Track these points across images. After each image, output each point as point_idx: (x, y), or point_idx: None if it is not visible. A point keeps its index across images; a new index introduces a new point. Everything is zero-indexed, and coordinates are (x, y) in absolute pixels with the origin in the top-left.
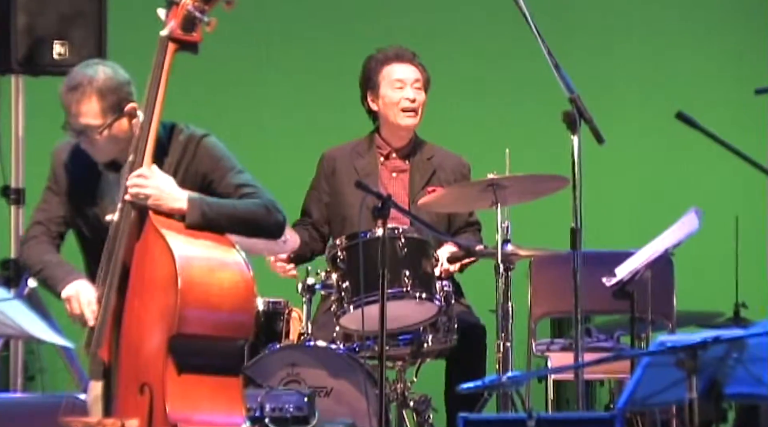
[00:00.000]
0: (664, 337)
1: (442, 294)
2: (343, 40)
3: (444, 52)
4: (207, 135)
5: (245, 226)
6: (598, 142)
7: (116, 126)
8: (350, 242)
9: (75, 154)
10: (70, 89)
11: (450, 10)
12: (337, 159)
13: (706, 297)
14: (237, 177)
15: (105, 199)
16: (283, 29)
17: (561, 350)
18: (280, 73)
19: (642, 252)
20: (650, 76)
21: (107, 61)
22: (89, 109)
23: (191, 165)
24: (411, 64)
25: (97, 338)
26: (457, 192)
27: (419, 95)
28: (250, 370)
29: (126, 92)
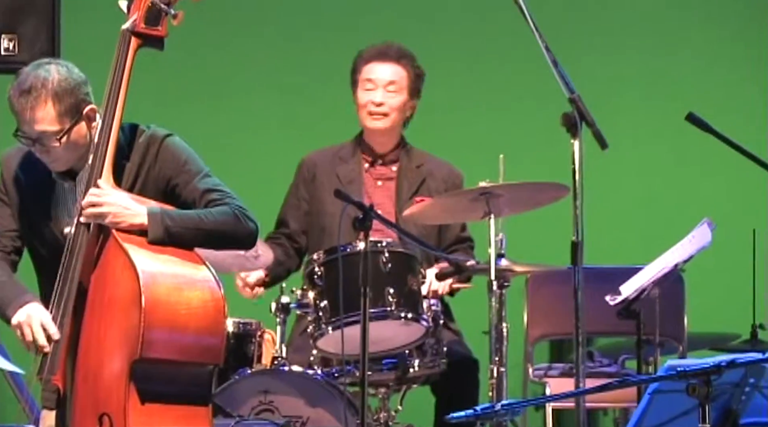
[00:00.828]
0: (674, 361)
1: (429, 314)
2: (327, 40)
3: (433, 50)
4: (170, 135)
5: (213, 238)
6: (601, 147)
7: (74, 131)
8: (329, 256)
9: (26, 161)
10: (21, 93)
11: (441, 10)
12: (318, 164)
13: (719, 317)
14: (203, 181)
15: (60, 210)
16: (258, 26)
17: (560, 376)
18: (253, 72)
19: (649, 268)
20: (658, 75)
21: (60, 60)
22: (45, 115)
23: (153, 168)
24: (395, 63)
25: (51, 364)
26: (446, 202)
27: (391, 98)
28: (218, 398)
29: (83, 93)
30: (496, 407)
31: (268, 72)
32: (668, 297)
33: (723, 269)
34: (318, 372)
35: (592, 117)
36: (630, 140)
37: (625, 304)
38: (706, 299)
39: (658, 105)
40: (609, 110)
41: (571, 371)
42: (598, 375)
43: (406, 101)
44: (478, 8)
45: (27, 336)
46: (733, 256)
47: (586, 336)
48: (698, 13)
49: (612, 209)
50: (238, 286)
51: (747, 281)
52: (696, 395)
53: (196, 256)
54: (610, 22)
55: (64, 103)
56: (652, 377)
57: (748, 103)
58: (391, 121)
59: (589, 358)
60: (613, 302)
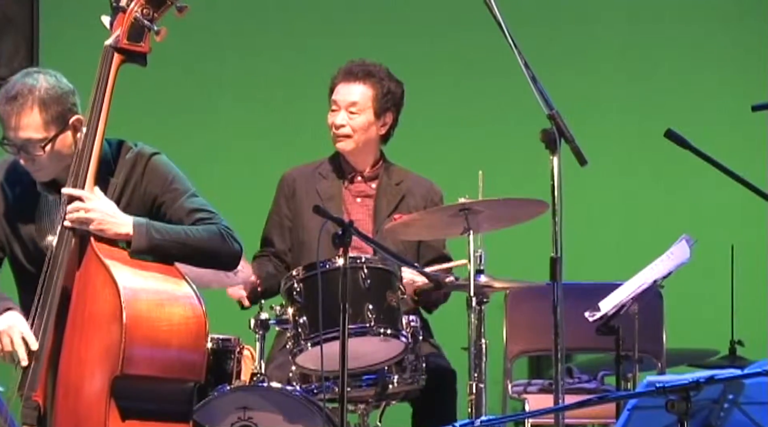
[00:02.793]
0: (653, 377)
1: (408, 330)
2: (305, 59)
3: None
4: (157, 153)
5: (197, 254)
6: (581, 164)
7: (60, 140)
8: (308, 272)
9: (10, 172)
10: (8, 100)
11: (422, 28)
12: (297, 180)
13: (698, 334)
14: (190, 201)
15: (43, 222)
16: (238, 43)
17: (539, 392)
18: (234, 90)
19: (628, 284)
20: (636, 92)
21: (49, 70)
22: (30, 122)
23: (139, 186)
24: (358, 82)
25: (31, 379)
26: (426, 218)
27: (353, 120)
28: (197, 414)
29: (70, 103)
30: (475, 424)
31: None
32: (647, 313)
33: (702, 285)
34: (297, 388)
35: (571, 133)
36: (609, 157)
37: (604, 320)
38: (685, 315)
39: (636, 122)
40: (588, 127)
41: (550, 387)
42: (577, 391)
43: (371, 121)
44: (460, 27)
45: (6, 346)
46: (711, 272)
47: (566, 352)
48: (675, 30)
49: (591, 226)
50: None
51: (725, 297)
52: (675, 411)
53: (177, 272)
54: (589, 40)
55: (51, 111)
56: (631, 394)
57: (725, 118)
58: (355, 142)
59: (569, 374)
60: (592, 318)
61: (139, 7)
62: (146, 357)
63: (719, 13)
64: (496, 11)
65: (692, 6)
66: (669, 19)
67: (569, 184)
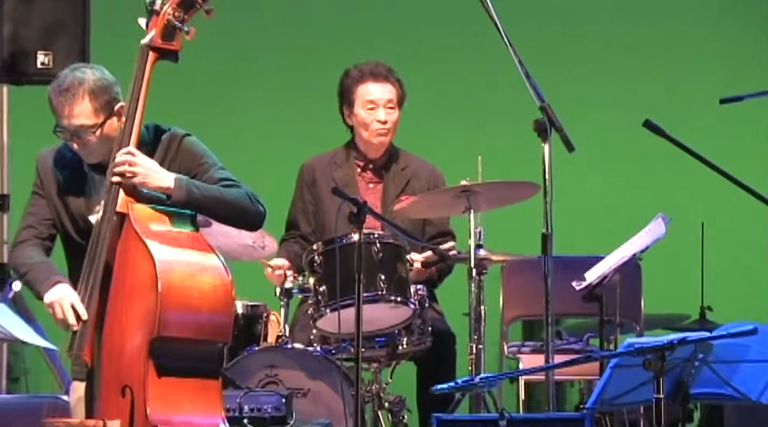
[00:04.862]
0: (632, 339)
1: (416, 298)
2: (319, 53)
3: (418, 64)
4: (188, 134)
5: (229, 210)
6: (568, 150)
7: (108, 125)
8: (327, 246)
9: (59, 158)
10: (61, 92)
11: (424, 21)
12: (317, 169)
13: (672, 301)
14: (219, 172)
15: (91, 199)
16: (260, 42)
17: (532, 352)
18: (255, 84)
19: (611, 257)
20: (618, 85)
21: (93, 65)
22: (83, 110)
23: (174, 163)
24: (386, 82)
25: (80, 341)
26: (431, 198)
27: (391, 116)
28: (229, 371)
29: (115, 92)
30: (475, 380)
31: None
32: (627, 283)
33: (675, 258)
34: (317, 349)
35: (560, 123)
36: (594, 144)
37: (589, 289)
38: (661, 284)
39: (618, 113)
40: (575, 118)
41: (541, 348)
42: (565, 352)
43: (399, 114)
44: (461, 25)
45: (58, 314)
46: (684, 246)
47: (555, 317)
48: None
49: (578, 205)
50: (267, 273)
51: (696, 268)
52: (652, 368)
53: (207, 246)
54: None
55: (99, 99)
56: (613, 353)
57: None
58: (392, 134)
59: (558, 336)
60: (578, 287)
61: (171, 10)
62: (179, 321)
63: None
64: (492, 13)
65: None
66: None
67: (558, 169)
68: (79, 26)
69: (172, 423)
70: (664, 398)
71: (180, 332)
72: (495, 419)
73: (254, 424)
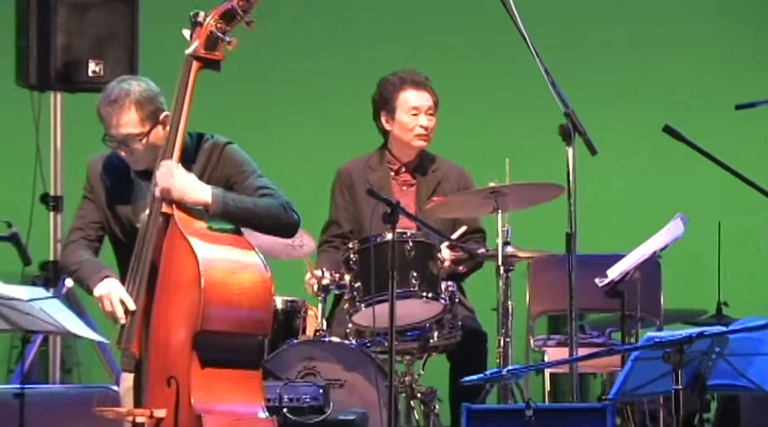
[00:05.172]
0: (652, 333)
1: (446, 294)
2: (354, 60)
3: (451, 72)
4: (230, 142)
5: (262, 221)
6: (591, 153)
7: (153, 134)
8: (362, 245)
9: (107, 165)
10: (109, 103)
11: (456, 33)
12: (353, 173)
13: (690, 296)
14: (257, 180)
15: (137, 204)
16: (300, 52)
17: (557, 346)
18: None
19: (632, 255)
20: (639, 92)
21: (139, 76)
22: (129, 120)
23: (215, 170)
24: (424, 89)
25: (128, 334)
26: (461, 199)
27: (431, 122)
28: (269, 363)
29: (159, 102)
30: (502, 372)
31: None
32: (647, 279)
33: (693, 256)
34: (353, 342)
35: (583, 128)
36: (616, 147)
37: (612, 285)
38: (679, 280)
39: (638, 118)
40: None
41: (565, 341)
42: (588, 345)
43: (436, 120)
44: (491, 36)
45: (107, 307)
46: (701, 245)
47: (579, 312)
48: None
49: (600, 206)
50: (306, 277)
51: (713, 265)
52: (671, 361)
53: (247, 244)
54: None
55: (145, 109)
56: (634, 347)
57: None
58: (430, 139)
59: (581, 330)
60: (601, 283)
61: (214, 22)
62: (221, 316)
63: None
64: (520, 25)
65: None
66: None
67: (582, 171)
68: (129, 37)
69: (215, 412)
70: (682, 389)
71: (222, 326)
72: (522, 409)
73: (293, 413)
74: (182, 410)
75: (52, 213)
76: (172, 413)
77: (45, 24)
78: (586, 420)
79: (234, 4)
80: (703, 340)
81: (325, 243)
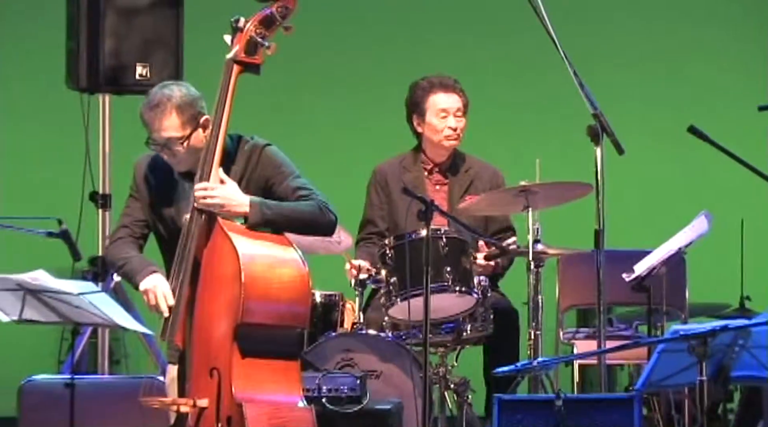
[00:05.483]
0: (678, 326)
1: (479, 288)
2: (389, 62)
3: (484, 76)
4: (269, 144)
5: (300, 224)
6: (619, 153)
7: (194, 137)
8: (398, 241)
9: (153, 166)
10: (151, 108)
11: (487, 35)
12: (388, 173)
13: (714, 291)
14: (295, 181)
15: (181, 204)
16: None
17: (585, 338)
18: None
19: (658, 251)
20: (665, 94)
21: (179, 81)
22: (170, 124)
23: (255, 171)
24: (453, 92)
25: (172, 327)
26: (493, 198)
27: (460, 123)
28: (309, 355)
29: (200, 106)
30: (533, 364)
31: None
32: (673, 274)
33: (717, 252)
34: (389, 335)
35: (611, 128)
36: (642, 148)
37: (638, 280)
38: (704, 275)
39: (664, 119)
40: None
41: (594, 334)
42: (616, 338)
43: (465, 121)
44: (522, 40)
45: (151, 301)
46: (725, 241)
47: (607, 306)
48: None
49: (627, 203)
50: (346, 267)
51: (736, 261)
52: (695, 353)
53: (286, 240)
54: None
55: (186, 114)
56: (660, 339)
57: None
58: (460, 139)
59: (609, 324)
60: (628, 278)
61: (253, 27)
62: (261, 309)
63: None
64: (550, 29)
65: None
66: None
67: (610, 170)
68: (174, 41)
69: (255, 401)
70: (706, 381)
71: (262, 319)
72: (552, 399)
73: (332, 403)
74: (224, 400)
75: (101, 210)
76: (214, 403)
77: (94, 29)
78: (614, 410)
79: (273, 10)
80: (726, 333)
81: (362, 241)
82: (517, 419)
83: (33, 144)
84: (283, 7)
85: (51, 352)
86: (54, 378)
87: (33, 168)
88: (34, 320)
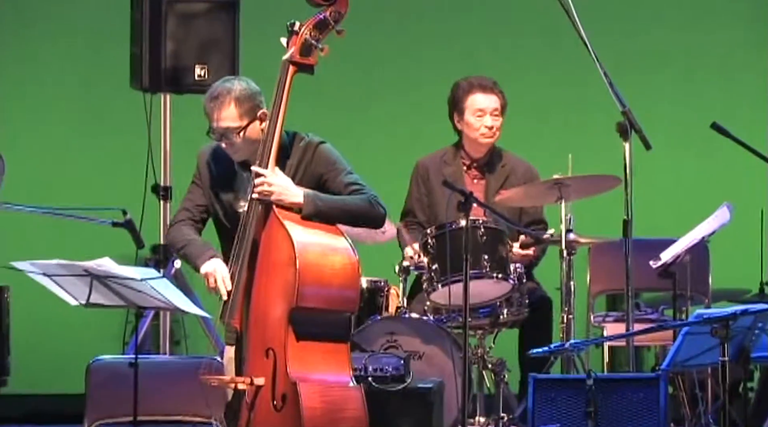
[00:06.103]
0: (701, 310)
1: (515, 275)
2: (432, 64)
3: (519, 75)
4: (323, 142)
5: (351, 217)
6: (646, 148)
7: (251, 128)
8: (439, 231)
9: (215, 155)
10: (212, 99)
11: (523, 35)
12: (429, 167)
13: (736, 277)
14: (347, 177)
15: (239, 192)
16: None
17: (614, 322)
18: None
19: (683, 240)
20: (689, 92)
21: (240, 77)
22: (229, 114)
23: (309, 167)
24: (492, 93)
25: (230, 310)
26: (528, 190)
27: (496, 122)
28: (356, 337)
29: (258, 100)
30: (566, 346)
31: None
32: (697, 262)
33: (739, 240)
34: (431, 318)
35: (639, 125)
36: (668, 143)
37: (664, 267)
38: (726, 263)
39: (688, 115)
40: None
41: (622, 317)
42: (643, 321)
43: (502, 120)
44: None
45: (211, 284)
46: (746, 230)
47: (634, 291)
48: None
49: (654, 195)
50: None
51: (756, 249)
52: (718, 335)
53: (337, 230)
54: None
55: (244, 106)
56: (685, 323)
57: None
58: (496, 137)
59: (637, 308)
60: (655, 265)
61: (308, 31)
62: (314, 294)
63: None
64: (581, 31)
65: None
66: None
67: (638, 164)
68: (230, 43)
69: (309, 380)
70: (728, 361)
71: (315, 303)
72: (583, 379)
73: (377, 382)
74: (279, 379)
75: (162, 202)
76: (269, 381)
77: (156, 33)
78: (641, 388)
79: (326, 14)
80: (747, 316)
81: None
82: (550, 397)
83: (101, 141)
84: (336, 11)
85: (116, 334)
86: (119, 358)
87: (101, 163)
88: (100, 304)
